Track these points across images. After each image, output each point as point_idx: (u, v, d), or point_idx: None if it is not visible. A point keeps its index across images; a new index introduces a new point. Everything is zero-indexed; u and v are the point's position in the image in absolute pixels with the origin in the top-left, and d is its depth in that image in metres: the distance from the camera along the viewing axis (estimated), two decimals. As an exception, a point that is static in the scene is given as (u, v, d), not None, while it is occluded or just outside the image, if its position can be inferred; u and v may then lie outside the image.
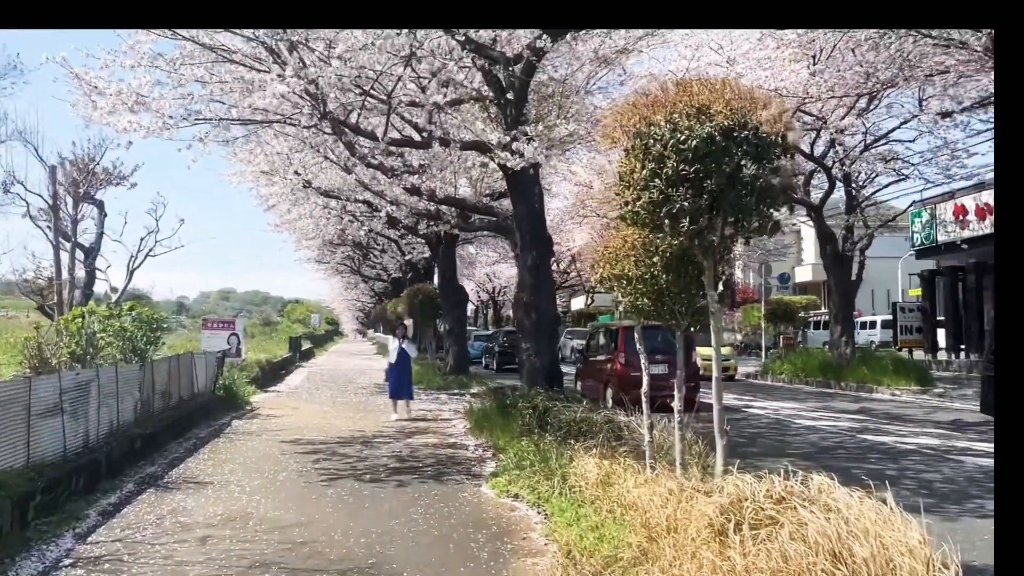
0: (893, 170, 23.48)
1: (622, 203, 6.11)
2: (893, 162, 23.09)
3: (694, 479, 6.45)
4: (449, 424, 14.20)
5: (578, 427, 9.29)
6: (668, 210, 5.56)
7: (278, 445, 11.59)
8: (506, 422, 11.74)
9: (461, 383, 21.33)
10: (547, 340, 12.22)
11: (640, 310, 6.85)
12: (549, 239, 12.33)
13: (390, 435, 12.75)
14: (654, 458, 7.53)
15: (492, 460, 10.36)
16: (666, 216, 5.61)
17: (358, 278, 58.31)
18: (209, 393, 15.43)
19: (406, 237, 28.06)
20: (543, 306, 12.05)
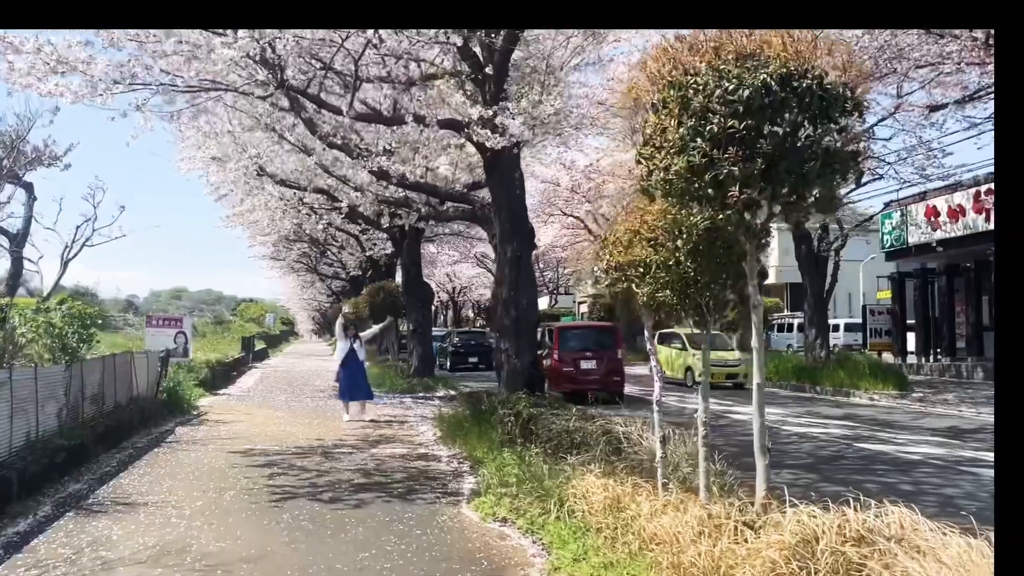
0: (869, 169, 22.92)
1: (648, 171, 5.03)
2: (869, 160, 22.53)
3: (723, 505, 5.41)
4: (417, 432, 13.01)
5: (570, 438, 8.20)
6: (713, 177, 4.50)
7: (226, 457, 10.29)
8: (483, 430, 10.61)
9: (426, 386, 20.13)
10: (528, 340, 11.12)
11: (660, 304, 5.78)
12: (531, 229, 11.25)
13: (353, 444, 11.52)
14: (667, 478, 6.47)
15: (470, 475, 9.21)
16: (709, 184, 4.54)
17: (314, 276, 56.59)
18: (151, 397, 14.02)
19: (367, 232, 26.72)
20: (524, 303, 10.95)
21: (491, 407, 11.32)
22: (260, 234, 38.84)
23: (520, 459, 8.68)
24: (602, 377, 17.07)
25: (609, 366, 17.35)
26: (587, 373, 16.91)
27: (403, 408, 16.74)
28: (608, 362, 17.40)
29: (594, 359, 16.97)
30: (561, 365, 17.12)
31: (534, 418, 9.28)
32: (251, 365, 31.68)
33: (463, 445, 10.86)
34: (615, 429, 8.14)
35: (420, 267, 21.84)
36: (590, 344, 17.66)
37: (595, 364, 17.00)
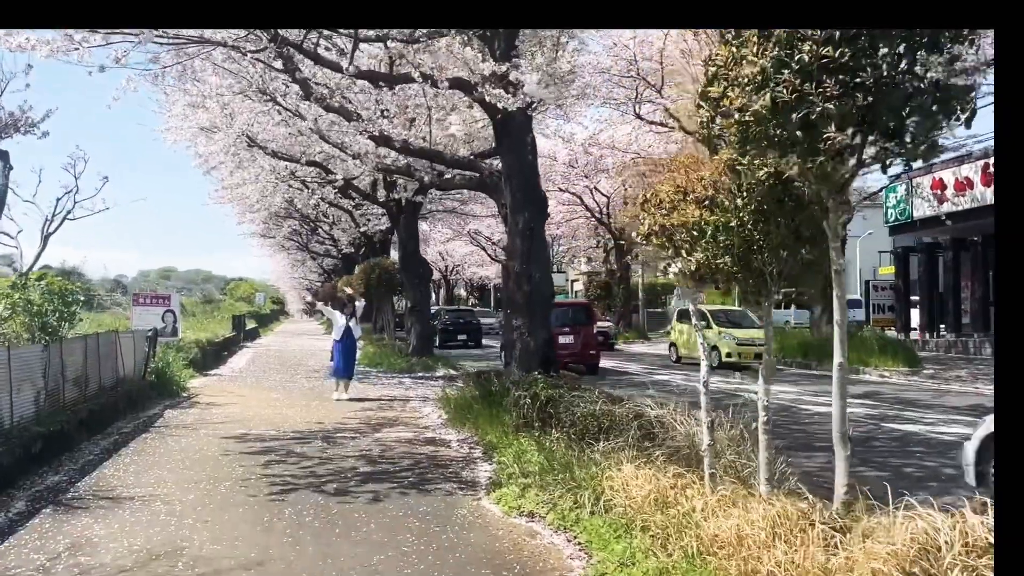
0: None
1: (710, 116, 4.30)
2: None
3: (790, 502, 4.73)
4: (421, 414, 12.32)
5: (597, 423, 7.51)
6: (802, 116, 3.77)
7: (219, 443, 9.57)
8: (495, 413, 9.93)
9: (426, 365, 19.43)
10: (542, 317, 10.41)
11: (715, 272, 5.06)
12: (544, 197, 10.50)
13: (354, 428, 10.81)
14: (715, 468, 5.80)
15: (485, 462, 8.53)
16: (797, 126, 3.81)
17: (305, 255, 55.68)
18: (138, 378, 13.27)
19: (362, 207, 25.91)
20: (537, 276, 10.22)
21: (502, 388, 10.63)
22: (249, 211, 37.90)
23: (540, 445, 7.99)
24: (579, 351, 18.27)
25: (585, 341, 18.59)
26: (565, 347, 17.53)
27: (403, 388, 16.04)
28: (584, 337, 18.62)
29: (571, 334, 18.09)
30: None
31: (553, 400, 8.58)
32: (242, 344, 30.89)
33: (473, 428, 10.17)
34: (647, 412, 7.45)
35: (418, 242, 21.06)
36: (568, 320, 18.55)
37: (572, 339, 18.14)
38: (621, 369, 20.07)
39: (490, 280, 66.06)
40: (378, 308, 31.26)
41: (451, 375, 18.50)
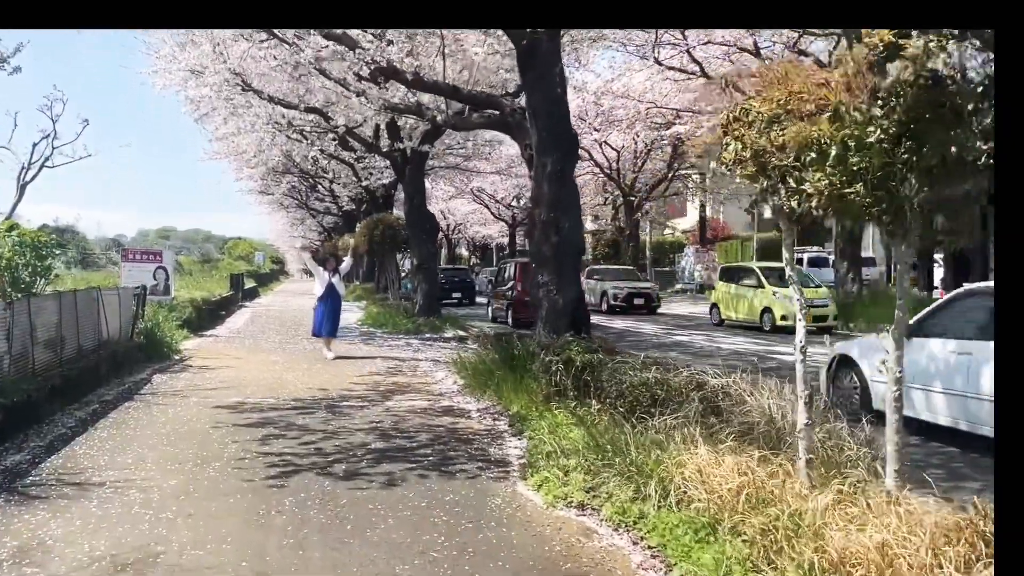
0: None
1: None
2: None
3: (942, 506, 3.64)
4: (433, 379, 11.25)
5: (650, 393, 6.41)
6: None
7: (211, 413, 8.49)
8: (519, 380, 8.85)
9: (433, 326, 18.34)
10: (571, 271, 9.27)
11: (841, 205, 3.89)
12: (574, 136, 9.29)
13: (362, 395, 9.74)
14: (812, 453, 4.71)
15: (513, 436, 7.46)
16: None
17: (304, 212, 54.45)
18: (125, 340, 12.17)
19: (364, 159, 24.60)
20: (567, 225, 9.06)
21: (526, 352, 9.54)
22: (247, 165, 36.63)
23: (578, 419, 6.92)
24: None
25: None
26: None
27: (411, 351, 14.96)
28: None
29: None
30: (523, 296, 19.04)
31: (592, 367, 7.48)
32: (241, 304, 29.79)
33: (494, 397, 9.11)
34: (709, 382, 6.35)
35: (424, 196, 19.80)
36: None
37: None
38: (635, 329, 19.00)
39: (492, 239, 64.82)
40: (381, 266, 30.11)
41: (460, 336, 17.45)
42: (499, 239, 63.50)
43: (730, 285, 20.05)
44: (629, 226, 36.78)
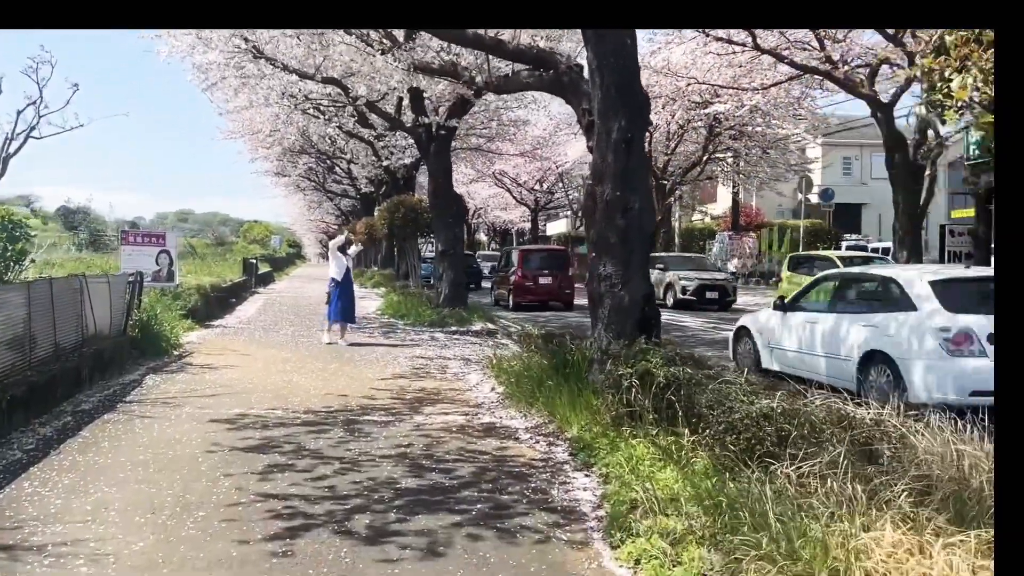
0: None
1: None
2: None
3: None
4: (467, 383, 9.73)
5: (774, 428, 4.82)
6: None
7: (205, 430, 7.00)
8: (577, 393, 7.32)
9: (460, 318, 16.79)
10: (641, 262, 7.69)
11: None
12: (645, 97, 7.68)
13: (386, 406, 8.23)
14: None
15: (578, 470, 5.92)
16: None
17: (321, 195, 53.08)
18: (116, 334, 10.72)
19: (384, 137, 23.03)
20: (636, 206, 7.47)
21: (580, 357, 7.99)
22: (262, 145, 35.22)
23: (666, 454, 5.38)
24: (556, 290, 21.67)
25: (561, 281, 21.79)
26: (544, 287, 21.63)
27: (437, 346, 13.45)
28: (561, 278, 21.81)
29: (550, 276, 21.42)
30: (523, 280, 21.58)
31: (678, 384, 5.90)
32: (254, 290, 28.39)
33: (545, 412, 7.57)
34: (854, 414, 4.76)
35: (451, 175, 18.19)
36: (547, 264, 21.99)
37: (551, 280, 21.43)
38: (678, 323, 17.37)
39: (513, 224, 63.29)
40: (400, 251, 28.62)
41: (489, 330, 15.92)
42: (521, 224, 61.90)
43: (803, 277, 18.15)
44: (661, 211, 34.97)
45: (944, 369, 7.14)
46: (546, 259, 22.58)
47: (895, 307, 7.92)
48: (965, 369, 7.08)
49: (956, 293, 7.65)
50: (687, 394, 5.78)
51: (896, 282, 8.19)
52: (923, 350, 7.31)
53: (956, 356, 7.16)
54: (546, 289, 21.57)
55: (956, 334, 7.18)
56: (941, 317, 7.35)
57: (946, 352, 7.18)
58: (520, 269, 21.55)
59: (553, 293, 21.56)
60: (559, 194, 55.81)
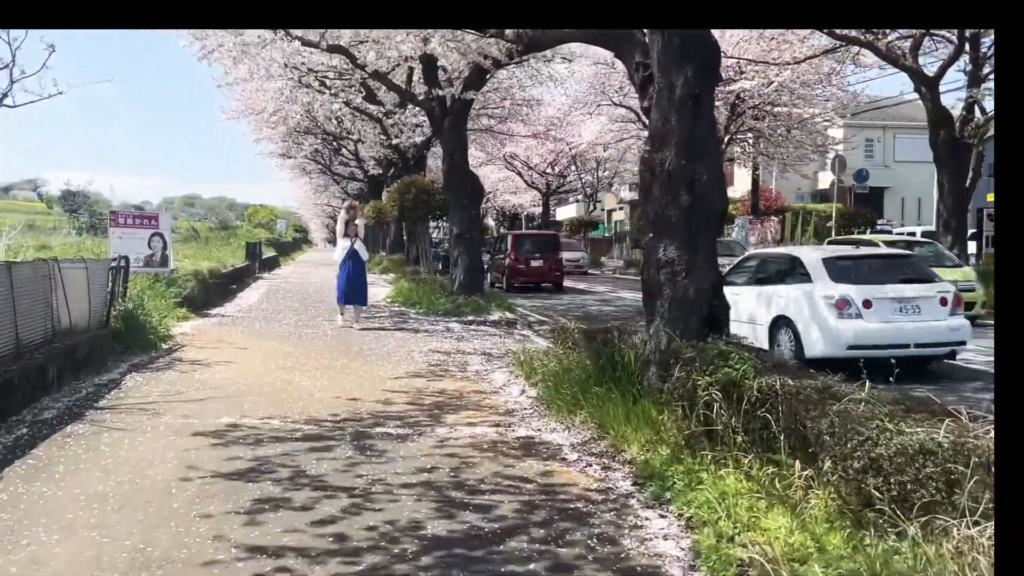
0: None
1: None
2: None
3: None
4: (492, 383, 8.50)
5: (942, 470, 3.55)
6: None
7: (185, 447, 5.79)
8: (631, 401, 6.08)
9: (476, 306, 15.55)
10: (709, 246, 6.42)
11: None
12: (714, 45, 6.36)
13: (402, 413, 7.01)
14: None
15: (649, 507, 4.67)
16: None
17: (328, 178, 51.83)
18: (97, 326, 9.52)
19: (393, 114, 21.74)
20: (704, 179, 6.19)
21: (632, 357, 6.73)
22: (266, 125, 33.98)
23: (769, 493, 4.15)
24: (547, 272, 23.13)
25: (552, 264, 23.24)
26: (536, 269, 22.97)
27: (454, 338, 12.22)
28: (551, 261, 23.24)
29: (541, 259, 22.72)
30: (516, 263, 22.92)
31: (776, 398, 4.65)
32: (257, 276, 27.21)
33: (591, 423, 6.34)
34: None
35: (466, 153, 16.87)
36: (538, 247, 23.36)
37: (542, 263, 22.72)
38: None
39: (523, 209, 61.92)
40: (411, 235, 27.37)
41: (508, 319, 14.69)
42: (531, 208, 60.54)
43: None
44: (680, 194, 33.63)
45: (829, 329, 8.87)
46: (538, 243, 24.13)
47: (796, 280, 9.64)
48: (845, 328, 8.85)
49: (842, 268, 9.43)
50: (790, 411, 4.52)
51: (798, 260, 9.92)
52: (814, 314, 9.06)
53: (838, 318, 8.89)
54: (538, 271, 23.01)
55: (838, 300, 8.91)
56: (828, 287, 9.09)
57: (830, 315, 8.90)
58: (513, 253, 23.03)
59: (544, 275, 23.09)
60: (571, 177, 54.40)
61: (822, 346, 8.90)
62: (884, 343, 8.71)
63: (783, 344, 9.45)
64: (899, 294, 9.11)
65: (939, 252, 16.40)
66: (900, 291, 9.16)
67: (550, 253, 23.41)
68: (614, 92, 32.87)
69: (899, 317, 9.01)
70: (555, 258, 23.44)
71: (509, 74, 24.98)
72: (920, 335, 8.97)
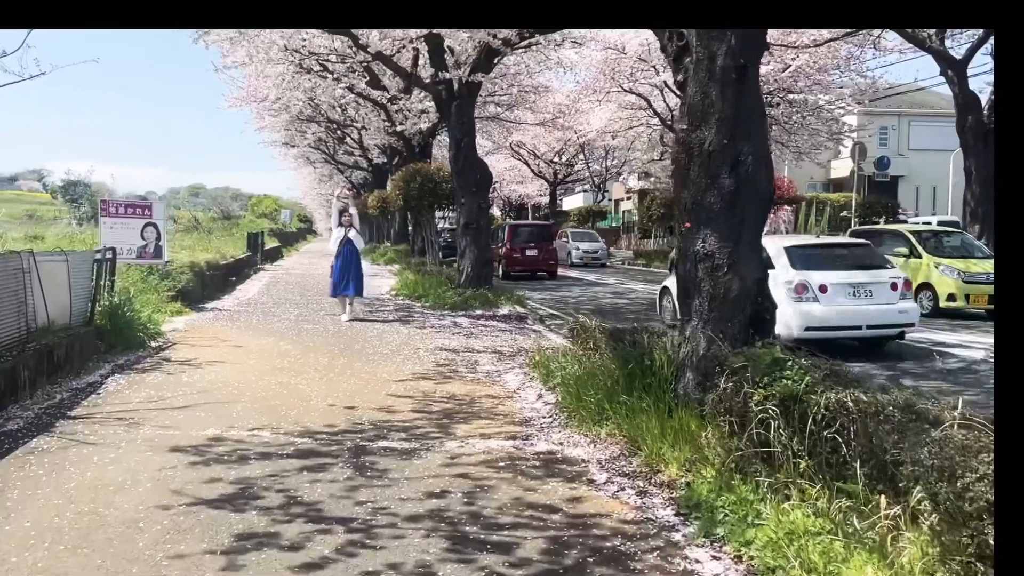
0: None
1: None
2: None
3: None
4: (505, 387, 7.79)
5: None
6: None
7: (161, 466, 5.09)
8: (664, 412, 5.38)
9: (485, 300, 14.84)
10: (754, 235, 5.69)
11: None
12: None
13: (407, 423, 6.30)
14: None
15: (699, 545, 3.96)
16: None
17: (332, 168, 51.11)
18: (79, 323, 8.84)
19: (398, 99, 20.99)
20: (749, 160, 5.46)
21: (664, 361, 6.02)
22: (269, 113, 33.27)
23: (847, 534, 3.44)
24: (541, 261, 24.13)
25: (546, 253, 24.38)
26: (531, 258, 23.97)
27: (462, 335, 11.51)
28: (546, 250, 24.39)
29: (536, 248, 23.67)
30: (512, 252, 23.94)
31: (848, 417, 3.92)
32: (259, 267, 26.54)
33: (619, 435, 5.63)
34: None
35: (474, 139, 16.11)
36: (533, 237, 24.36)
37: (537, 252, 23.70)
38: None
39: (530, 198, 61.18)
40: (416, 224, 26.65)
41: (519, 314, 13.99)
42: (537, 198, 59.75)
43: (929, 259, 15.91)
44: (691, 183, 32.73)
45: (789, 311, 9.19)
46: (532, 233, 25.16)
47: None
48: (802, 311, 9.48)
49: (801, 256, 9.98)
50: (865, 433, 3.80)
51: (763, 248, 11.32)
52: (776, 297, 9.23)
53: (797, 301, 9.49)
54: (532, 260, 24.01)
55: (796, 285, 9.54)
56: (788, 273, 9.65)
57: (790, 298, 9.39)
58: (509, 242, 24.05)
59: (539, 263, 24.06)
60: (579, 166, 53.55)
61: (783, 327, 8.99)
62: (839, 324, 9.61)
63: None
64: (853, 280, 9.78)
65: (968, 242, 15.61)
66: (854, 277, 9.83)
67: (544, 243, 24.69)
68: (624, 78, 31.99)
69: (852, 301, 9.71)
70: (549, 247, 24.76)
71: (516, 60, 24.23)
72: (872, 317, 9.68)
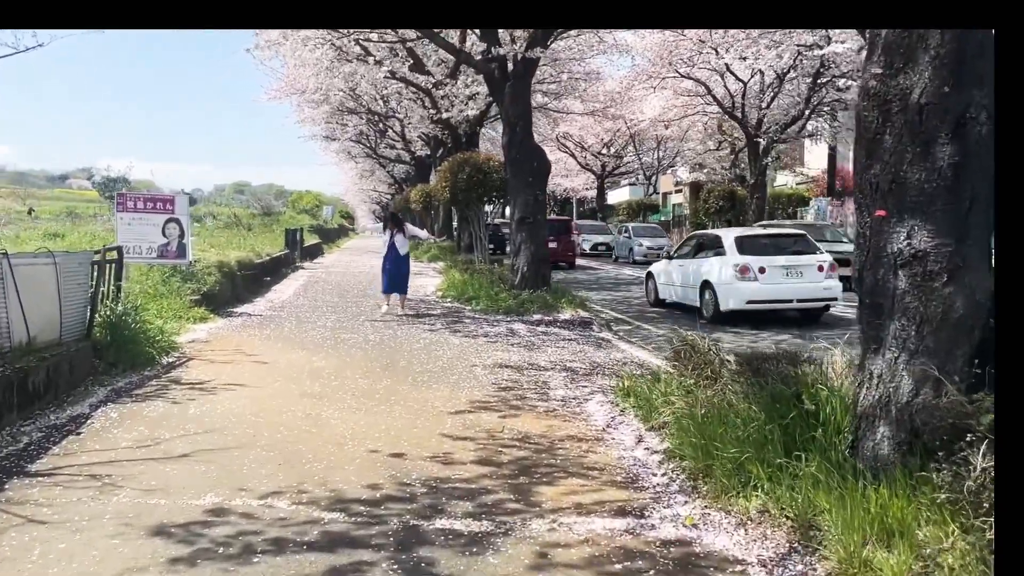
0: None
1: None
2: None
3: None
4: (588, 421, 6.11)
5: None
6: None
7: (131, 562, 3.51)
8: (851, 485, 3.63)
9: (543, 303, 13.15)
10: (983, 229, 3.89)
11: None
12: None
13: (470, 483, 4.66)
14: None
15: None
16: None
17: (374, 162, 49.86)
18: (76, 338, 7.37)
19: (443, 85, 19.39)
20: (983, 118, 3.68)
21: (835, 407, 4.27)
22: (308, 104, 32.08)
23: None
24: (561, 252, 26.19)
25: (565, 245, 26.89)
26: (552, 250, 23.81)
27: (522, 346, 9.85)
28: (565, 243, 26.82)
29: (556, 241, 23.90)
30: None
31: None
32: (297, 265, 25.17)
33: (776, 513, 3.91)
34: None
35: (530, 123, 14.39)
36: (553, 231, 24.25)
37: (556, 244, 24.21)
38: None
39: (575, 192, 59.17)
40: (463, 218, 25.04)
41: (582, 319, 12.31)
42: (583, 192, 57.78)
43: None
44: (755, 174, 30.55)
45: (735, 289, 12.04)
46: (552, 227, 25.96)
47: (717, 253, 12.75)
48: (745, 288, 12.01)
49: (747, 243, 12.53)
50: None
51: (719, 238, 13.05)
52: (726, 278, 12.14)
53: (741, 281, 12.02)
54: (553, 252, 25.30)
55: (740, 267, 12.02)
56: (736, 258, 12.19)
57: (735, 279, 12.03)
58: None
59: (558, 255, 25.51)
60: (628, 158, 51.54)
61: (731, 302, 12.09)
62: (774, 299, 12.07)
63: (707, 302, 12.56)
64: (787, 263, 12.20)
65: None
66: (788, 260, 12.24)
67: (563, 236, 27.02)
68: (681, 62, 29.99)
69: (786, 280, 12.10)
70: (568, 240, 27.54)
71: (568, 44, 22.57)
72: (801, 293, 12.14)
